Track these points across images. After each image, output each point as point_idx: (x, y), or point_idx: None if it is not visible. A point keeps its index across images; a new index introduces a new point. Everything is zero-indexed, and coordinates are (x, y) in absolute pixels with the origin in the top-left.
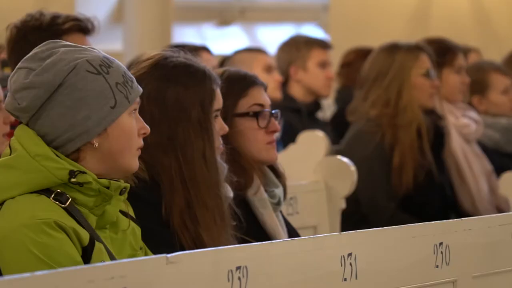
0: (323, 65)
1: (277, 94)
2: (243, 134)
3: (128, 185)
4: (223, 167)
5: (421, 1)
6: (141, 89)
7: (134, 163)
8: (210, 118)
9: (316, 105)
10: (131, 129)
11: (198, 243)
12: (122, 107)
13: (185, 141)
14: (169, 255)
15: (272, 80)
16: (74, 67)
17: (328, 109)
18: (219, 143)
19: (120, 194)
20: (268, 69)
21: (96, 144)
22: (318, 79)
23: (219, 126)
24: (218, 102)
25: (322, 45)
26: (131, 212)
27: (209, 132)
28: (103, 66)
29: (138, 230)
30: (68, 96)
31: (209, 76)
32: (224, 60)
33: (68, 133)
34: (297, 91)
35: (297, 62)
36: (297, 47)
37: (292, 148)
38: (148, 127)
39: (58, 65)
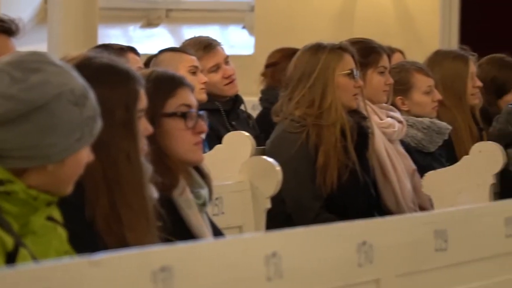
0: (217, 67)
1: (202, 96)
2: (170, 134)
3: (56, 198)
4: (148, 168)
5: (345, 2)
6: (101, 123)
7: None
8: (134, 119)
9: (234, 102)
10: (84, 161)
11: (123, 245)
12: (86, 141)
13: (109, 142)
14: (92, 257)
15: (197, 82)
16: (58, 95)
17: (254, 109)
18: (143, 143)
19: (48, 205)
20: (194, 70)
21: (50, 169)
22: (215, 83)
23: (143, 126)
24: (142, 102)
25: (207, 50)
26: (57, 215)
27: (133, 133)
28: (82, 97)
29: (64, 233)
30: (44, 119)
31: (133, 77)
32: (149, 60)
33: (27, 152)
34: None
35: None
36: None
37: (218, 149)
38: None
39: (45, 87)
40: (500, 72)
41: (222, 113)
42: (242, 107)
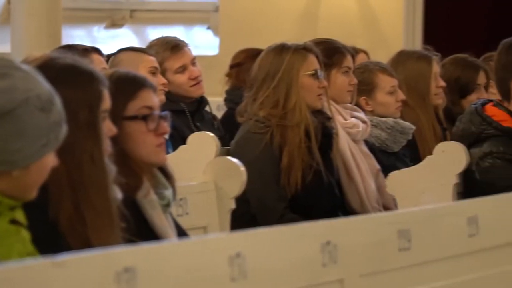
0: (183, 68)
1: (161, 98)
2: (132, 137)
3: (20, 203)
4: (112, 169)
5: (309, 3)
6: (66, 128)
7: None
8: (98, 120)
9: (199, 103)
10: (50, 166)
11: (87, 245)
12: (51, 147)
13: (73, 144)
14: (55, 258)
15: (157, 83)
16: (25, 101)
17: (218, 109)
18: (107, 144)
19: (12, 209)
20: (153, 71)
21: (15, 174)
22: (181, 85)
23: (107, 127)
24: (106, 103)
25: (174, 50)
26: (21, 217)
27: (97, 134)
28: (48, 103)
29: (27, 235)
30: (10, 125)
31: (96, 77)
32: (109, 59)
33: None
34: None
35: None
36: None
37: (182, 149)
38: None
39: (13, 93)
40: (463, 72)
41: (187, 114)
42: (207, 108)
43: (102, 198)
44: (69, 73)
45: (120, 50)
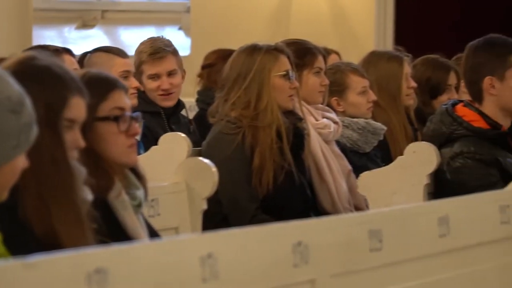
0: (156, 76)
1: (133, 101)
2: (104, 138)
3: None
4: (81, 171)
5: (281, 3)
6: (37, 130)
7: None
8: (58, 122)
9: (176, 106)
10: (20, 168)
11: (57, 247)
12: (22, 148)
13: (36, 144)
14: (26, 260)
15: (129, 86)
16: None
17: (190, 110)
18: (72, 152)
19: None
20: (125, 75)
21: None
22: (150, 91)
23: (73, 137)
24: (72, 112)
25: (153, 57)
26: None
27: (57, 137)
28: (19, 105)
29: None
30: None
31: (64, 82)
32: (83, 58)
33: None
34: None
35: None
36: (139, 54)
37: (154, 150)
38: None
39: None
40: (434, 73)
41: (163, 116)
42: (183, 112)
43: (69, 200)
44: (40, 72)
45: (93, 51)
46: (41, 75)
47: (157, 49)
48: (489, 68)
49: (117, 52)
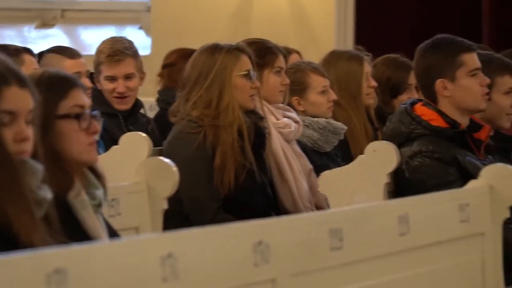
0: (112, 78)
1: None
2: (64, 136)
3: None
4: (37, 169)
5: (242, 3)
6: None
7: None
8: None
9: (133, 106)
10: None
11: (14, 248)
12: None
13: None
14: None
15: None
16: None
17: (151, 110)
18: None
19: None
20: (77, 76)
21: None
22: (105, 92)
23: (17, 130)
24: (9, 103)
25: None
26: None
27: None
28: None
29: None
30: None
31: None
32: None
33: None
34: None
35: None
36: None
37: (114, 150)
38: None
39: None
40: (394, 73)
41: (120, 117)
42: (142, 111)
43: (20, 200)
44: None
45: (44, 52)
46: None
47: (116, 52)
48: (440, 70)
49: (67, 53)
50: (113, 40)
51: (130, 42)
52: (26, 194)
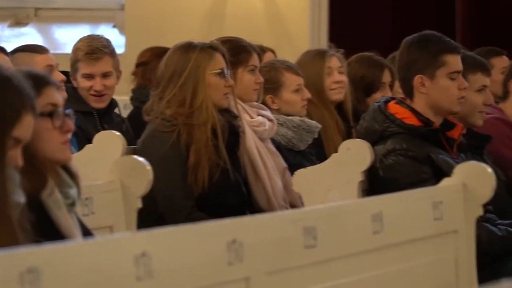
0: (89, 76)
1: (63, 94)
2: (37, 134)
3: None
4: (14, 177)
5: (215, 1)
6: None
7: None
8: (5, 139)
9: (108, 105)
10: None
11: None
12: None
13: None
14: None
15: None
16: None
17: (125, 108)
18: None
19: None
20: (49, 69)
21: None
22: (82, 89)
23: (14, 155)
24: (21, 131)
25: (89, 56)
26: None
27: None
28: None
29: None
30: None
31: (22, 97)
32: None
33: None
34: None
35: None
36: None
37: (88, 148)
38: None
39: None
40: (368, 71)
41: (95, 116)
42: (116, 110)
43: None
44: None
45: (12, 52)
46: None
47: (94, 49)
48: (421, 66)
49: (36, 49)
50: (91, 38)
51: (108, 41)
52: (9, 216)
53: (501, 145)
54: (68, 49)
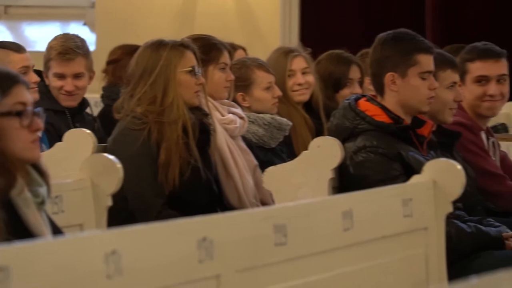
0: (61, 76)
1: (34, 95)
2: (6, 133)
3: None
4: None
5: None
6: None
7: None
8: None
9: (80, 104)
10: None
11: None
12: None
13: None
14: None
15: (29, 81)
16: None
17: (96, 106)
18: None
19: None
20: (24, 71)
21: None
22: (53, 88)
23: None
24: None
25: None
26: None
27: None
28: None
29: None
30: None
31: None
32: None
33: None
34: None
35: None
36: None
37: (58, 146)
38: None
39: None
40: (336, 67)
41: (67, 114)
42: (88, 110)
43: None
44: None
45: None
46: None
47: (67, 50)
48: (393, 64)
49: (14, 47)
50: (66, 38)
51: (83, 41)
52: None
53: (464, 151)
54: (39, 47)
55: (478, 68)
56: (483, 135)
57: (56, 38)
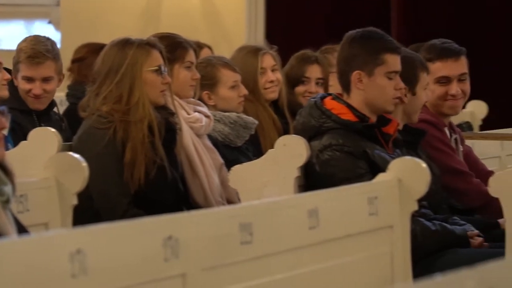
0: (29, 79)
1: (4, 93)
2: None
3: None
4: None
5: None
6: None
7: None
8: None
9: (48, 106)
10: None
11: None
12: None
13: None
14: None
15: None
16: None
17: (61, 104)
18: None
19: None
20: None
21: None
22: (21, 90)
23: None
24: None
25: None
26: None
27: None
28: None
29: None
30: None
31: None
32: None
33: None
34: None
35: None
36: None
37: (23, 145)
38: None
39: None
40: (295, 66)
41: (33, 115)
42: (55, 109)
43: None
44: None
45: None
46: None
47: (37, 53)
48: (360, 62)
49: None
50: (36, 40)
51: (53, 44)
52: None
53: (429, 148)
54: (3, 45)
55: (439, 68)
56: (447, 131)
57: (25, 40)
